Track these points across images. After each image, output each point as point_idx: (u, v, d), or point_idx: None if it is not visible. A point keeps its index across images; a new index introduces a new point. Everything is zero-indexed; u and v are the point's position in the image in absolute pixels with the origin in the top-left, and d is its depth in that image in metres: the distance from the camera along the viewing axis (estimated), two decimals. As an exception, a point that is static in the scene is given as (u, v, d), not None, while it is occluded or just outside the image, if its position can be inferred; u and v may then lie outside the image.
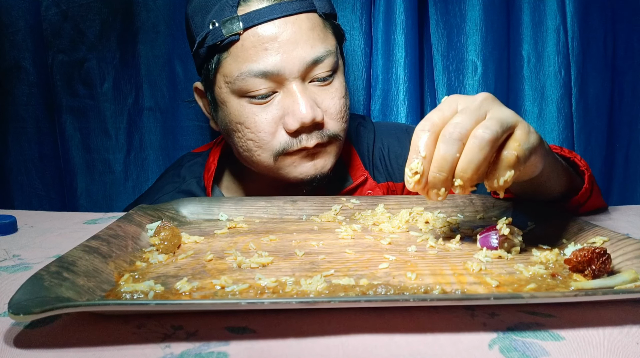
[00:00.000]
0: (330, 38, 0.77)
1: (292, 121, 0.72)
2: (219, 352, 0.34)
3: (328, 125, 0.76)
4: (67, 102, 1.13)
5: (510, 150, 0.47)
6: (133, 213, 0.60)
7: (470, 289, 0.41)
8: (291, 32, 0.72)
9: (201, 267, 0.47)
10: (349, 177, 0.87)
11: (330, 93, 0.76)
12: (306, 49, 0.72)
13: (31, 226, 0.71)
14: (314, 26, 0.74)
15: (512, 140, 0.47)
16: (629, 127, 1.14)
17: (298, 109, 0.72)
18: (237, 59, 0.72)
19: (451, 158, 0.46)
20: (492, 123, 0.46)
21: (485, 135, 0.45)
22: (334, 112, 0.76)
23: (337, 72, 0.78)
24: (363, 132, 0.91)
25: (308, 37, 0.73)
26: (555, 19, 1.05)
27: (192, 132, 1.15)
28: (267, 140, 0.74)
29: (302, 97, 0.72)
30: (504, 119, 0.47)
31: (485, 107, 0.49)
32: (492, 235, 0.51)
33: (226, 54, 0.74)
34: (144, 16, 1.12)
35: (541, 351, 0.34)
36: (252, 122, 0.74)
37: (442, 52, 1.10)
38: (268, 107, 0.74)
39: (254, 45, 0.71)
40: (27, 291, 0.36)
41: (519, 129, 0.48)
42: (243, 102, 0.74)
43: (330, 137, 0.76)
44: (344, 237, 0.57)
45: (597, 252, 0.43)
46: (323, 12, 0.76)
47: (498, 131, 0.46)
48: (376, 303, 0.37)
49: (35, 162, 1.16)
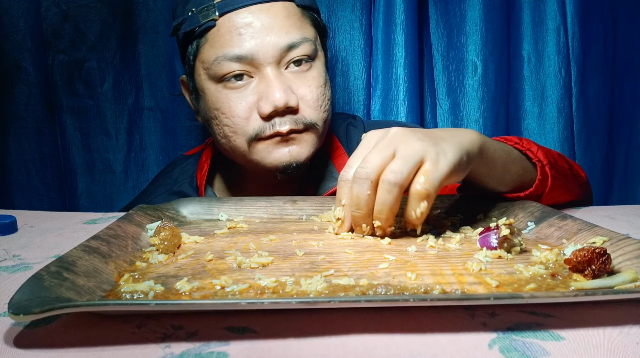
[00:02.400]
0: (309, 28, 0.78)
1: (265, 105, 0.73)
2: (219, 352, 0.34)
3: (304, 112, 0.76)
4: (67, 102, 1.13)
5: (418, 185, 0.51)
6: (133, 213, 0.60)
7: (470, 289, 0.41)
8: (266, 18, 0.73)
9: (201, 267, 0.47)
10: (336, 175, 0.87)
11: (307, 80, 0.77)
12: (281, 34, 0.73)
13: (31, 226, 0.71)
14: (290, 14, 0.75)
15: (420, 174, 0.52)
16: (629, 127, 1.14)
17: (272, 93, 0.72)
18: (214, 45, 0.74)
19: (363, 196, 0.52)
20: (399, 164, 0.51)
21: (391, 178, 0.51)
22: (310, 100, 0.76)
23: (316, 60, 0.78)
24: (353, 132, 0.92)
25: (283, 23, 0.74)
26: (555, 18, 1.05)
27: (192, 132, 1.15)
28: (242, 125, 0.75)
29: (276, 81, 0.73)
30: (410, 155, 0.51)
31: (395, 143, 0.53)
32: (492, 235, 0.51)
33: (204, 40, 0.76)
34: (144, 16, 1.12)
35: (541, 351, 0.34)
36: (227, 108, 0.75)
37: (442, 52, 1.10)
38: (243, 92, 0.75)
39: (229, 30, 0.73)
40: (27, 291, 0.36)
41: (427, 161, 0.52)
42: (219, 87, 0.76)
43: (305, 125, 0.76)
44: (344, 237, 0.57)
45: (597, 252, 0.43)
46: (301, 4, 0.77)
47: (404, 172, 0.51)
48: (376, 303, 0.37)
49: (35, 162, 1.16)
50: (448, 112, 1.10)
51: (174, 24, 0.79)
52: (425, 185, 0.51)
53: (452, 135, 0.57)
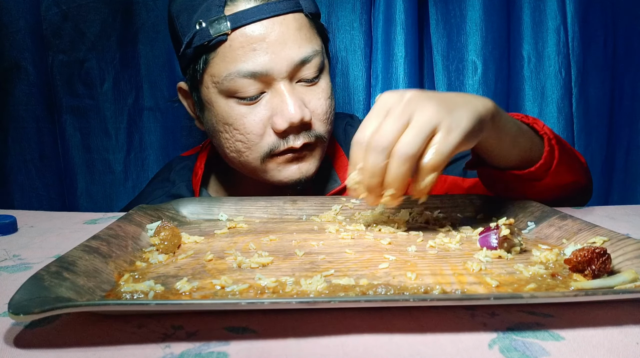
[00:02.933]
0: (317, 38, 0.77)
1: (281, 121, 0.72)
2: (219, 352, 0.34)
3: (315, 126, 0.76)
4: (67, 102, 1.13)
5: (428, 156, 0.51)
6: (133, 213, 0.60)
7: (470, 289, 0.41)
8: (279, 32, 0.72)
9: (201, 267, 0.47)
10: (337, 178, 0.87)
11: (317, 93, 0.76)
12: (294, 49, 0.72)
13: (31, 226, 0.71)
14: (301, 26, 0.74)
15: (431, 146, 0.51)
16: (629, 127, 1.14)
17: (287, 109, 0.72)
18: (225, 59, 0.72)
19: (379, 166, 0.52)
20: (412, 135, 0.51)
21: (404, 152, 0.51)
22: (320, 113, 0.76)
23: (324, 72, 0.78)
24: (350, 132, 0.92)
25: (296, 37, 0.73)
26: (555, 18, 1.05)
27: (192, 132, 1.15)
28: (256, 141, 0.74)
29: (290, 97, 0.72)
30: (424, 124, 0.51)
31: (410, 109, 0.52)
32: (492, 235, 0.51)
33: (213, 54, 0.73)
34: (144, 16, 1.12)
35: (541, 351, 0.34)
36: (240, 124, 0.74)
37: (442, 52, 1.10)
38: (256, 107, 0.74)
39: (242, 45, 0.71)
40: (27, 291, 0.36)
41: (440, 130, 0.51)
42: (231, 102, 0.74)
43: (316, 138, 0.76)
44: (343, 237, 0.57)
45: (597, 252, 0.43)
46: (309, 12, 0.77)
47: (417, 143, 0.51)
48: (376, 303, 0.37)
49: (35, 162, 1.16)
50: (448, 112, 1.10)
51: (185, 40, 0.74)
52: (434, 158, 0.51)
53: (468, 101, 0.56)
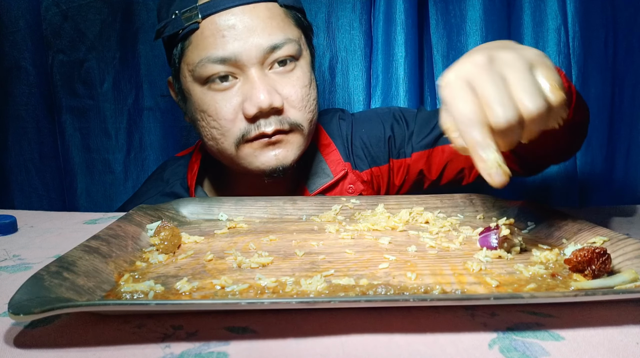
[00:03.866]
0: (292, 28, 0.78)
1: (250, 106, 0.73)
2: (219, 352, 0.34)
3: (288, 113, 0.76)
4: (67, 102, 1.13)
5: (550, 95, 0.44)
6: (133, 213, 0.60)
7: (470, 289, 0.41)
8: (249, 20, 0.73)
9: (201, 267, 0.47)
10: (329, 171, 0.87)
11: (292, 81, 0.76)
12: (263, 36, 0.73)
13: (31, 226, 0.71)
14: (273, 15, 0.75)
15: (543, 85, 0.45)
16: (629, 127, 1.14)
17: (256, 95, 0.73)
18: (198, 47, 0.75)
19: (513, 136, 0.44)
20: (530, 91, 0.43)
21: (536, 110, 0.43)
22: (295, 100, 0.76)
23: (300, 60, 0.78)
24: (342, 125, 0.92)
25: (266, 25, 0.74)
26: (556, 18, 1.05)
27: (192, 132, 1.15)
28: (228, 127, 0.75)
29: (260, 82, 0.73)
30: (527, 74, 0.44)
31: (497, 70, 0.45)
32: (492, 235, 0.51)
33: (187, 43, 0.76)
34: (144, 16, 1.12)
35: (541, 351, 0.34)
36: (213, 110, 0.75)
37: (442, 52, 1.10)
38: (228, 93, 0.75)
39: (213, 33, 0.73)
40: (27, 291, 0.36)
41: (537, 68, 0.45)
42: (205, 89, 0.76)
43: (291, 125, 0.76)
44: (343, 237, 0.57)
45: (597, 252, 0.43)
46: (284, 4, 0.77)
47: (540, 98, 0.43)
48: (376, 303, 0.37)
49: (35, 162, 1.17)
50: (448, 112, 1.10)
51: (157, 28, 0.79)
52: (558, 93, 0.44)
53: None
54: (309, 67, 0.80)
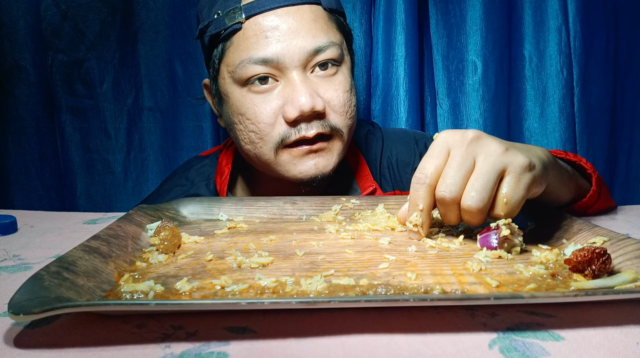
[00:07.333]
0: (335, 32, 0.76)
1: (291, 109, 0.71)
2: (219, 352, 0.34)
3: (330, 117, 0.75)
4: (67, 102, 1.13)
5: (498, 210, 0.51)
6: (133, 213, 0.60)
7: (470, 289, 0.41)
8: (292, 21, 0.72)
9: (201, 267, 0.47)
10: (357, 187, 0.86)
11: (334, 85, 0.75)
12: (307, 38, 0.72)
13: (31, 226, 0.71)
14: (317, 17, 0.74)
15: (499, 198, 0.51)
16: (631, 127, 1.14)
17: (297, 97, 0.71)
18: (239, 48, 0.73)
19: (454, 217, 0.53)
20: (479, 187, 0.50)
21: (473, 206, 0.50)
22: (336, 105, 0.75)
23: (342, 65, 0.77)
24: (372, 141, 0.90)
25: (310, 27, 0.73)
26: (557, 18, 1.05)
27: (192, 132, 1.15)
28: (267, 131, 0.74)
29: (301, 85, 0.72)
30: (491, 171, 0.50)
31: (474, 151, 0.51)
32: (492, 235, 0.51)
33: (229, 43, 0.75)
34: (144, 16, 1.12)
35: (541, 351, 0.34)
36: (252, 113, 0.74)
37: (442, 52, 1.10)
38: (268, 97, 0.73)
39: (255, 33, 0.72)
40: (27, 291, 0.36)
41: (508, 176, 0.51)
42: (244, 91, 0.74)
43: (332, 129, 0.75)
44: (343, 237, 0.57)
45: (597, 252, 0.43)
46: (328, 7, 0.76)
47: (484, 197, 0.50)
48: (376, 303, 0.37)
49: (35, 162, 1.17)
50: (448, 112, 1.10)
51: (200, 27, 0.77)
52: (504, 208, 0.51)
53: (528, 147, 0.56)
54: (349, 72, 0.79)
